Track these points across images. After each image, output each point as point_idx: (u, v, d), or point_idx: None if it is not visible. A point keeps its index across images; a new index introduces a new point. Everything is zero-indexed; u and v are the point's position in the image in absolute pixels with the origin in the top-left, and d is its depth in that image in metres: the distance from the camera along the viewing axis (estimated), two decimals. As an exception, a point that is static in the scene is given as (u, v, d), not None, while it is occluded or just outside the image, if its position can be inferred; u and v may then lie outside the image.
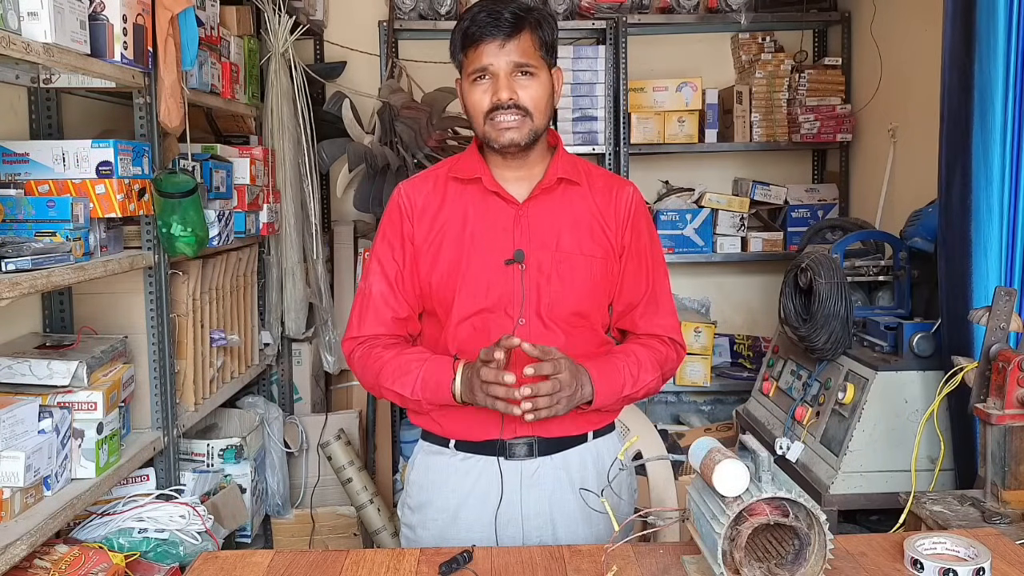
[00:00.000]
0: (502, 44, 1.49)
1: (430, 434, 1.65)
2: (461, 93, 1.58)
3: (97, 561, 1.84)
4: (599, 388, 1.52)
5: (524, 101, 1.50)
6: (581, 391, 1.49)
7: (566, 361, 1.46)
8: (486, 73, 1.51)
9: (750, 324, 3.83)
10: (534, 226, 1.56)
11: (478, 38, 1.49)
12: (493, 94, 1.50)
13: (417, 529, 1.65)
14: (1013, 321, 1.76)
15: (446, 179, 1.61)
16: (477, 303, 1.55)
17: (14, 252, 1.61)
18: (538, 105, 1.52)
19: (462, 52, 1.54)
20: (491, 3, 1.51)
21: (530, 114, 1.51)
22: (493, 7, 1.50)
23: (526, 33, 1.50)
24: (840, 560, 1.27)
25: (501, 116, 1.50)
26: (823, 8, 3.54)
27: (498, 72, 1.50)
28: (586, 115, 3.43)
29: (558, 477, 1.59)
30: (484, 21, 1.49)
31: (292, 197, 3.11)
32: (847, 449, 2.23)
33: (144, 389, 2.18)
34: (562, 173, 1.58)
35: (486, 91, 1.51)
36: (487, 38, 1.49)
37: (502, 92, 1.49)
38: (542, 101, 1.53)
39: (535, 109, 1.52)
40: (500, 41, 1.49)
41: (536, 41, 1.52)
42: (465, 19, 1.52)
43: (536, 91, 1.52)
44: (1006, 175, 2.01)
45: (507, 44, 1.49)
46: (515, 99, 1.49)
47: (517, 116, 1.50)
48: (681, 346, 1.68)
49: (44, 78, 2.01)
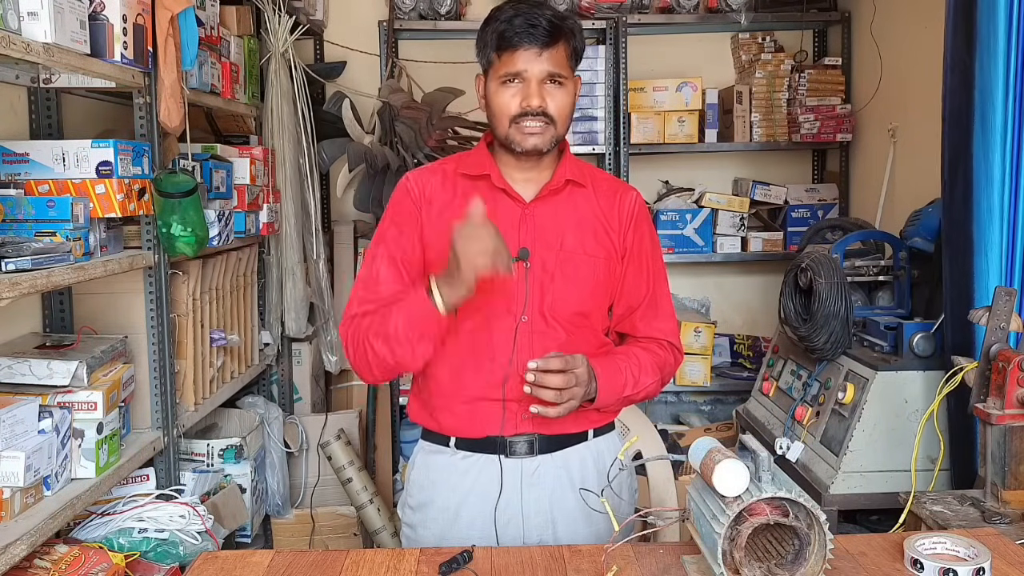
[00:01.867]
0: (539, 52, 1.49)
1: (430, 433, 1.65)
2: (485, 91, 1.57)
3: (97, 561, 1.84)
4: (602, 386, 1.53)
5: (551, 110, 1.51)
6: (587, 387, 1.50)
7: (582, 357, 1.48)
8: (518, 78, 1.51)
9: (750, 324, 3.83)
10: (539, 226, 1.57)
11: (515, 43, 1.49)
12: (523, 99, 1.50)
13: (418, 528, 1.65)
14: (1013, 321, 1.76)
15: (454, 175, 1.62)
16: (480, 300, 1.54)
17: (14, 252, 1.61)
18: (562, 114, 1.54)
19: (495, 52, 1.53)
20: (526, 6, 1.51)
21: (554, 122, 1.53)
22: (530, 12, 1.49)
23: (562, 43, 1.51)
24: (840, 560, 1.27)
25: (528, 122, 1.51)
26: (823, 8, 3.54)
27: (531, 79, 1.50)
28: (586, 115, 3.43)
29: (558, 476, 1.59)
30: (522, 27, 1.48)
31: (292, 197, 3.11)
32: (847, 449, 2.23)
33: (144, 389, 2.18)
34: (569, 175, 1.60)
35: (515, 95, 1.51)
36: (524, 44, 1.49)
37: (533, 99, 1.50)
38: (566, 110, 1.54)
39: (559, 118, 1.53)
40: (537, 49, 1.49)
41: (569, 51, 1.53)
42: (500, 20, 1.51)
43: (563, 100, 1.53)
44: (1006, 175, 2.01)
45: (544, 52, 1.49)
46: (544, 107, 1.50)
47: (542, 123, 1.51)
48: (679, 351, 1.69)
49: (44, 78, 2.01)
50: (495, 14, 1.53)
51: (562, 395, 1.45)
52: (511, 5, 1.52)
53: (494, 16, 1.53)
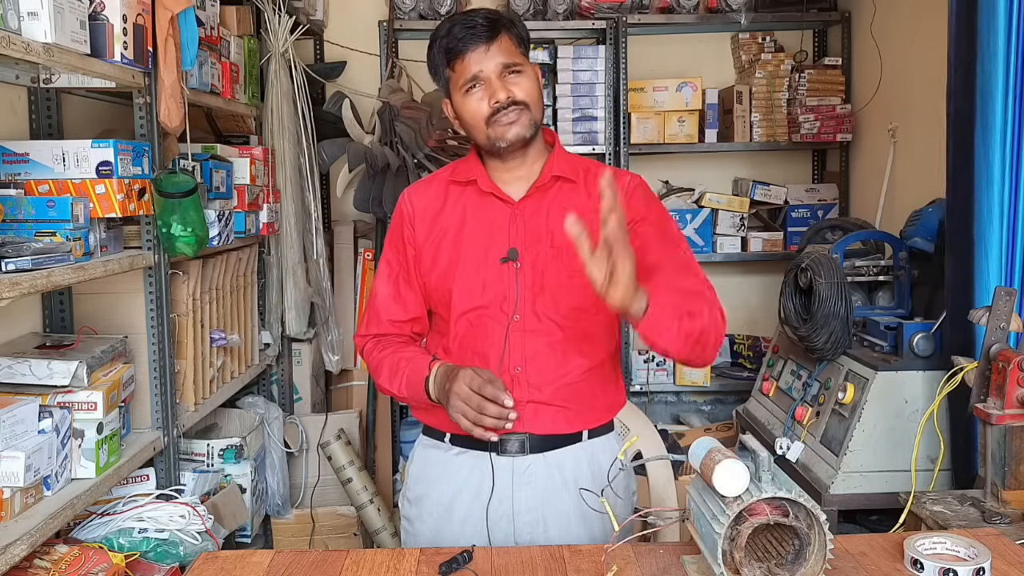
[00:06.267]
0: (487, 49, 1.51)
1: (429, 428, 1.69)
2: (455, 109, 1.59)
3: (97, 561, 1.84)
4: (654, 298, 1.35)
5: (521, 96, 1.52)
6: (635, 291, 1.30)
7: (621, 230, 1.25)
8: (478, 81, 1.52)
9: (750, 324, 3.83)
10: (528, 224, 1.58)
11: (461, 49, 1.52)
12: (490, 98, 1.52)
13: (415, 522, 1.68)
14: (1013, 321, 1.76)
15: (447, 183, 1.65)
16: (473, 300, 1.57)
17: (14, 252, 1.61)
18: (533, 97, 1.55)
19: (448, 68, 1.56)
20: (460, 16, 1.55)
21: (528, 107, 1.54)
22: (464, 19, 1.53)
23: (504, 35, 1.53)
24: (840, 560, 1.27)
25: (502, 115, 1.52)
26: (823, 8, 3.54)
27: (489, 76, 1.52)
28: (586, 115, 3.43)
29: (551, 476, 1.59)
30: (462, 33, 1.52)
31: (292, 197, 3.11)
32: (847, 449, 2.23)
33: (144, 389, 2.18)
34: (558, 171, 1.59)
35: (481, 98, 1.53)
36: (471, 47, 1.51)
37: (499, 93, 1.51)
38: (535, 93, 1.55)
39: (531, 101, 1.54)
40: (484, 47, 1.51)
41: (515, 40, 1.55)
42: (440, 38, 1.55)
43: (528, 85, 1.54)
44: (1006, 175, 2.01)
45: (491, 48, 1.51)
46: (512, 96, 1.51)
47: (517, 111, 1.52)
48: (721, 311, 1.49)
49: (44, 78, 2.01)
50: (433, 36, 1.57)
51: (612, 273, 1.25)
52: (445, 22, 1.57)
53: (433, 39, 1.57)
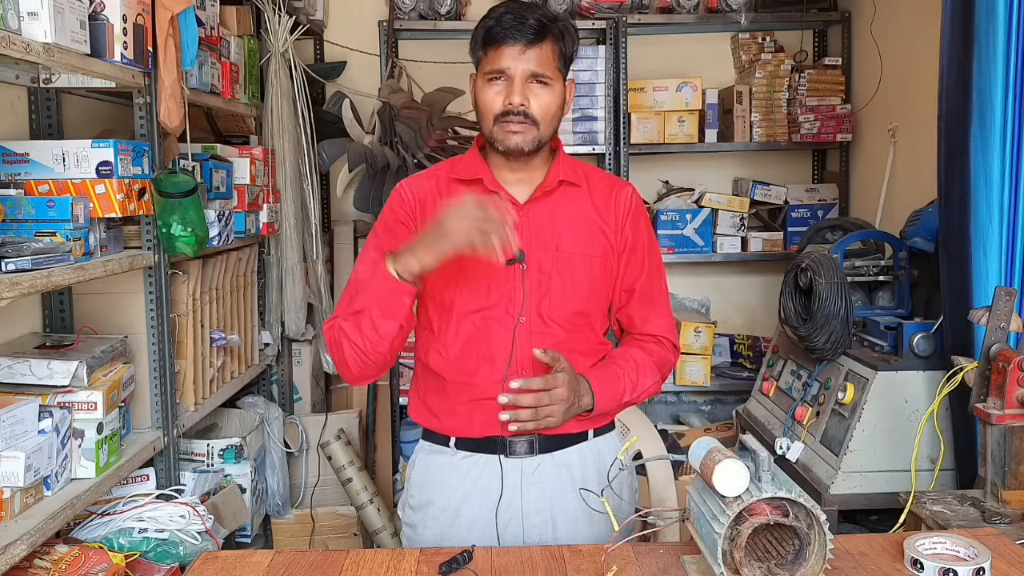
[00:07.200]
0: (523, 50, 1.49)
1: (431, 433, 1.66)
2: (474, 89, 1.58)
3: (97, 561, 1.84)
4: (599, 396, 1.56)
5: (533, 110, 1.51)
6: (579, 402, 1.53)
7: (564, 376, 1.49)
8: (502, 75, 1.51)
9: (750, 324, 3.83)
10: (535, 227, 1.57)
11: (500, 39, 1.49)
12: (506, 97, 1.50)
13: (418, 528, 1.65)
14: (1013, 321, 1.76)
15: (448, 180, 1.62)
16: (478, 302, 1.56)
17: (14, 252, 1.61)
18: (547, 116, 1.52)
19: (482, 49, 1.54)
20: (518, 5, 1.51)
21: (537, 123, 1.51)
22: (520, 10, 1.50)
23: (548, 42, 1.51)
24: (840, 560, 1.27)
25: (510, 120, 1.50)
26: (823, 8, 3.54)
27: (514, 76, 1.50)
28: (586, 115, 3.43)
29: (559, 475, 1.59)
30: (509, 23, 1.49)
31: (292, 197, 3.11)
32: (847, 449, 2.23)
33: (144, 389, 2.18)
34: (563, 175, 1.59)
35: (499, 93, 1.51)
36: (509, 41, 1.49)
37: (515, 96, 1.49)
38: (551, 112, 1.53)
39: (543, 119, 1.52)
40: (521, 46, 1.49)
41: (556, 52, 1.52)
42: (490, 17, 1.52)
43: (547, 101, 1.52)
44: (1006, 175, 2.01)
45: (528, 51, 1.49)
46: (526, 106, 1.50)
47: (524, 123, 1.51)
48: (677, 348, 1.71)
49: (44, 78, 2.01)
50: (488, 13, 1.54)
51: (538, 412, 1.49)
52: (505, 4, 1.53)
53: (486, 16, 1.54)
